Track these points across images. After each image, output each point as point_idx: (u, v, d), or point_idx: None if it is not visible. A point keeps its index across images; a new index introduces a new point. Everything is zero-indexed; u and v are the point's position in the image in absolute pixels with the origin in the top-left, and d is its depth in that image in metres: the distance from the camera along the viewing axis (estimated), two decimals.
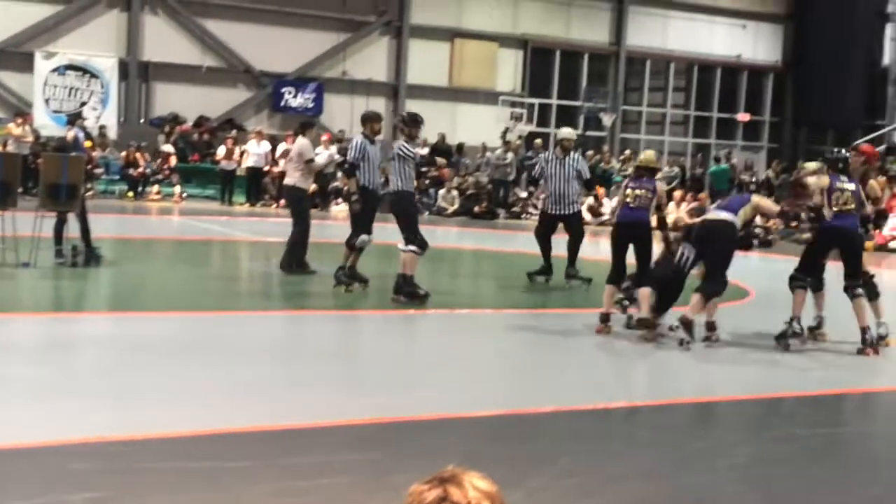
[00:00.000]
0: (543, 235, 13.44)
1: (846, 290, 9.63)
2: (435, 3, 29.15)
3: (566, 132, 14.05)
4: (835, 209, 9.54)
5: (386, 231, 12.89)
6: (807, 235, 11.87)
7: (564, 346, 9.72)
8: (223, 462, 5.53)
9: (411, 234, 11.15)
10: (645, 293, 9.84)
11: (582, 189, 14.22)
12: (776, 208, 10.50)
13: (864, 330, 9.50)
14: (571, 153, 13.44)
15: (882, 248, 21.69)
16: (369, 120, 11.77)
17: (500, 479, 5.58)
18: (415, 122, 11.54)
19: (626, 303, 10.51)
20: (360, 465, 5.65)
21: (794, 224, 10.21)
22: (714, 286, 9.59)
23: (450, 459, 2.49)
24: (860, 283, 9.63)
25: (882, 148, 27.64)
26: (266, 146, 24.10)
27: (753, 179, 27.86)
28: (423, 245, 11.19)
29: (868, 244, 14.50)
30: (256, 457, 5.62)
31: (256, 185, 24.31)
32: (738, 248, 10.41)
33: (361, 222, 11.65)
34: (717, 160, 28.73)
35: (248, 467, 5.45)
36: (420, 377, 8.08)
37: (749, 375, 8.90)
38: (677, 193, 25.59)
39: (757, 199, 10.52)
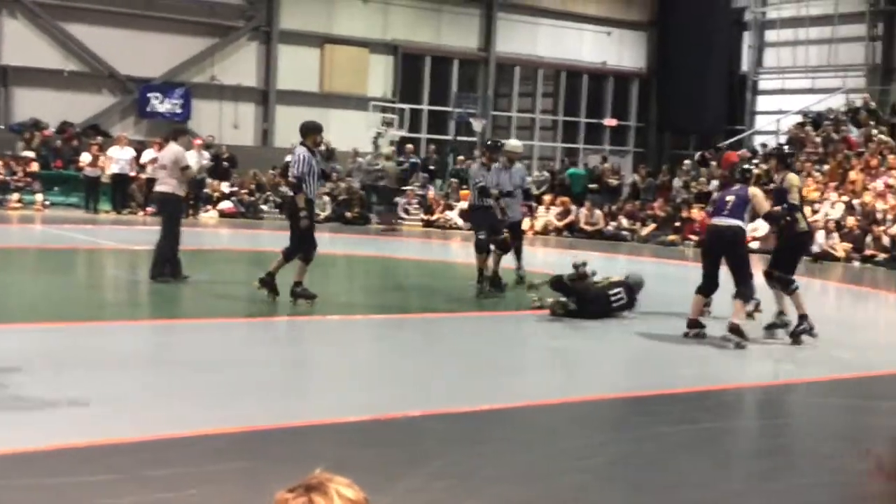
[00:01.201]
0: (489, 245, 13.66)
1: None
2: (304, 8, 28.99)
3: (513, 144, 14.40)
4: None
5: (256, 239, 12.77)
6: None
7: (435, 350, 9.77)
8: (82, 477, 5.36)
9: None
10: None
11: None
12: (766, 207, 10.67)
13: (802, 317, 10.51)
14: (516, 163, 13.95)
15: None
16: (311, 131, 11.49)
17: (370, 484, 5.57)
18: (316, 129, 11.53)
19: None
20: (228, 474, 5.56)
21: (781, 225, 10.72)
22: (748, 289, 10.35)
23: (317, 466, 2.47)
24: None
25: (742, 152, 28.56)
26: (130, 152, 23.62)
27: (619, 182, 28.55)
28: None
29: None
30: (119, 470, 5.47)
31: (122, 193, 23.81)
32: None
33: (310, 235, 11.47)
34: (575, 164, 29.49)
35: (109, 481, 5.30)
36: (289, 384, 8.02)
37: (616, 376, 9.10)
38: (547, 197, 26.00)
39: (753, 191, 10.64)
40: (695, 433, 7.08)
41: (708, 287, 10.58)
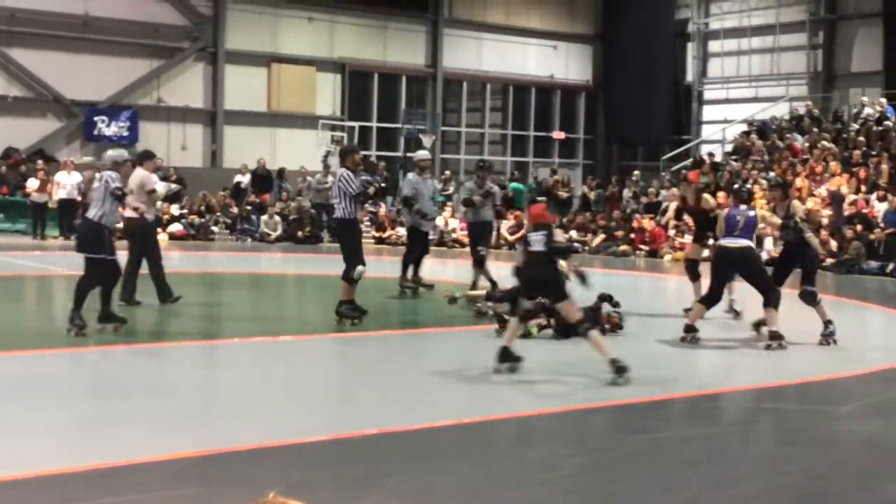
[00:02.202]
0: (415, 253, 14.43)
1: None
2: (250, 28, 28.90)
3: (422, 154, 15.15)
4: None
5: (208, 261, 12.66)
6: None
7: (391, 368, 9.73)
8: None
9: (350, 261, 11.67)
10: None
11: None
12: (778, 221, 11.56)
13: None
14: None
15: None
16: (349, 153, 12.14)
17: None
18: (352, 151, 12.32)
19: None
20: (183, 500, 5.48)
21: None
22: (775, 295, 10.95)
23: (272, 488, 2.43)
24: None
25: (688, 162, 28.86)
26: (77, 177, 23.34)
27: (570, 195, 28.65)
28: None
29: (679, 255, 15.21)
30: (69, 499, 5.37)
31: (70, 218, 23.50)
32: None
33: (355, 254, 11.77)
34: (516, 178, 29.59)
35: None
36: (240, 407, 7.91)
37: (572, 388, 9.10)
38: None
39: (762, 213, 11.69)
40: (653, 442, 7.10)
41: (712, 300, 11.38)
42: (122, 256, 11.82)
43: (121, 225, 12.87)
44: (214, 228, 25.47)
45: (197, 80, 28.49)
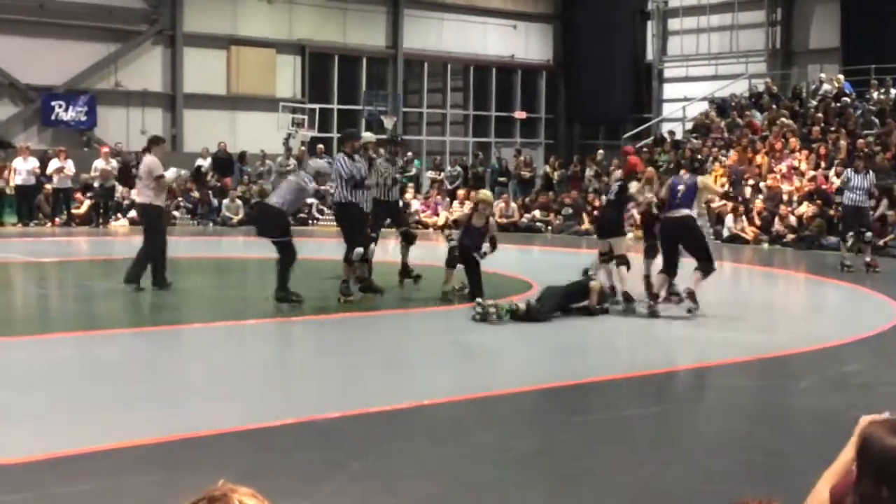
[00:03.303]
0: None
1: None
2: (209, 10, 28.64)
3: (368, 136, 14.65)
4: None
5: (169, 246, 12.63)
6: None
7: (352, 350, 9.74)
8: None
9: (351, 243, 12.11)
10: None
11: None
12: (721, 190, 12.14)
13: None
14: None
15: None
16: (348, 138, 12.78)
17: (288, 489, 5.55)
18: (353, 137, 12.91)
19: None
20: (142, 486, 5.47)
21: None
22: (710, 265, 11.55)
23: (236, 474, 2.44)
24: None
25: (649, 140, 28.99)
26: (34, 162, 23.14)
27: (532, 175, 28.76)
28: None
29: (639, 232, 15.30)
30: (26, 488, 5.35)
31: (28, 204, 23.32)
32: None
33: (354, 235, 12.18)
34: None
35: (16, 501, 5.18)
36: (204, 391, 7.91)
37: (530, 368, 9.17)
38: (461, 192, 26.09)
39: (703, 181, 12.03)
40: (609, 421, 7.16)
41: (670, 269, 11.78)
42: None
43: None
44: (175, 213, 25.31)
45: (155, 63, 28.21)
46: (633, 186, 12.49)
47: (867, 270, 16.10)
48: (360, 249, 12.04)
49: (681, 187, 11.42)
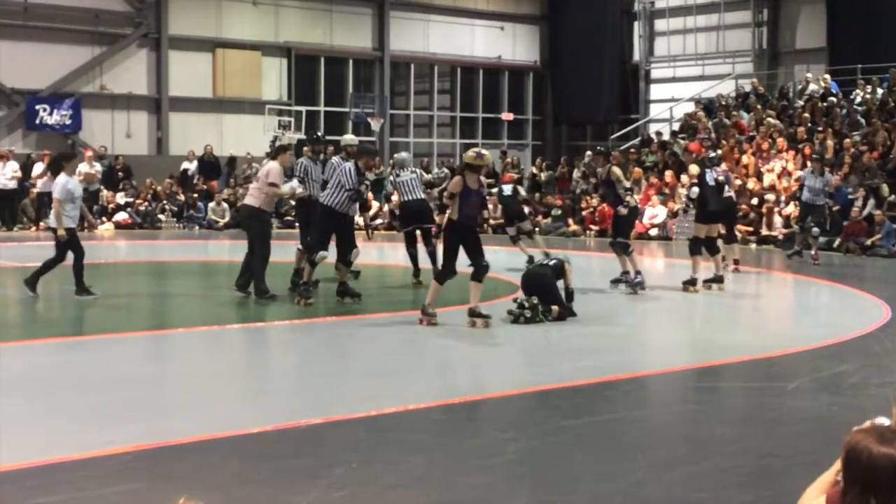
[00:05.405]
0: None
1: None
2: (193, 13, 28.52)
3: (349, 138, 14.64)
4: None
5: (155, 250, 12.47)
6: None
7: (334, 355, 9.65)
8: None
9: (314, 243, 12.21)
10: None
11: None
12: (627, 183, 13.75)
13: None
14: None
15: (643, 236, 22.71)
16: (364, 153, 12.67)
17: (269, 498, 5.45)
18: (369, 153, 13.17)
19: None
20: (120, 497, 5.35)
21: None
22: (625, 246, 13.59)
23: (216, 482, 2.35)
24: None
25: (637, 141, 28.95)
26: (14, 166, 22.99)
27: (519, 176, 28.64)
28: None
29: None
30: (1, 500, 5.24)
31: (10, 208, 23.17)
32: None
33: (321, 238, 12.14)
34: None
35: None
36: (182, 399, 7.79)
37: (516, 372, 9.08)
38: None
39: (614, 171, 13.76)
40: (597, 425, 7.08)
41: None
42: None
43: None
44: (161, 217, 25.19)
45: (140, 66, 28.07)
46: (616, 171, 13.77)
47: (812, 263, 17.66)
48: (323, 252, 12.01)
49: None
